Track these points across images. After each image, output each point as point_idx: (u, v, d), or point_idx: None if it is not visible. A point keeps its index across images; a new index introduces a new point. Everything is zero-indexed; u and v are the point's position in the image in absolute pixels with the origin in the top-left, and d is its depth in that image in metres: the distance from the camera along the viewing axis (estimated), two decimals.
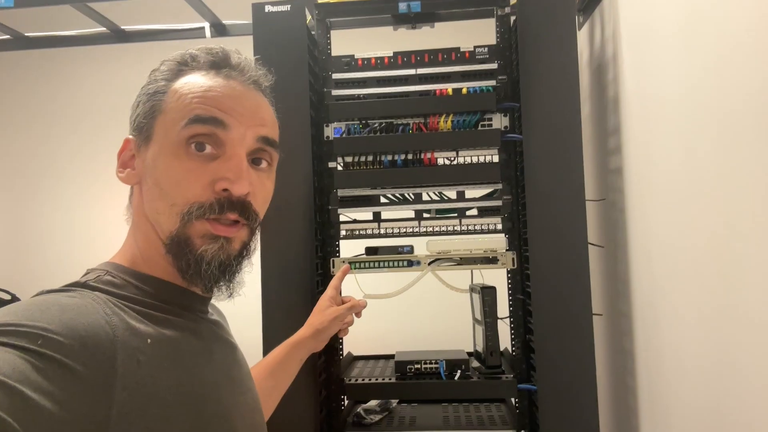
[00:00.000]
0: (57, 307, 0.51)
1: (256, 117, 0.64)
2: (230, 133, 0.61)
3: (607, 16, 1.32)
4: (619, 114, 1.25)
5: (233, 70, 0.66)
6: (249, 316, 1.21)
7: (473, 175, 1.22)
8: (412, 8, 1.28)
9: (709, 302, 0.85)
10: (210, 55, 0.66)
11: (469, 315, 1.35)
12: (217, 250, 0.61)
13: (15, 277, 2.78)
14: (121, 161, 0.66)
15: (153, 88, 0.64)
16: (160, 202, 0.61)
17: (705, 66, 0.84)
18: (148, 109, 0.63)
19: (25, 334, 0.46)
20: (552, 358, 1.11)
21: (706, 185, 0.85)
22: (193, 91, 0.62)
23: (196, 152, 0.60)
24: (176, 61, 0.66)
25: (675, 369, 0.99)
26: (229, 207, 0.61)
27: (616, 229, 1.29)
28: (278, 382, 0.96)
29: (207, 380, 0.61)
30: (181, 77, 0.64)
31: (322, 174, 1.27)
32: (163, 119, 0.62)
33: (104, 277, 0.60)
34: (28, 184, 2.84)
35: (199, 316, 0.67)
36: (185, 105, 0.61)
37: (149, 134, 0.63)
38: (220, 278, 0.62)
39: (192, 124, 0.60)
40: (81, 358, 0.48)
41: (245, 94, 0.65)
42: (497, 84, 1.23)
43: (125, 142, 0.66)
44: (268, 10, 1.22)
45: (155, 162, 0.62)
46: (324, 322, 1.02)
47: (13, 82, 2.89)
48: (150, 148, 0.63)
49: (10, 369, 0.43)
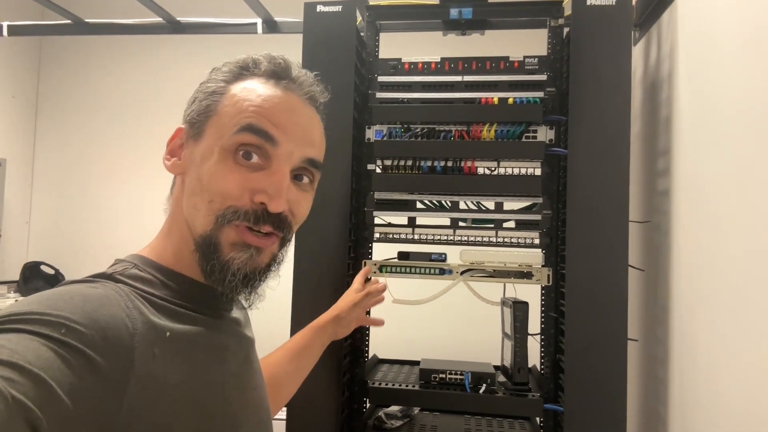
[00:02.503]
0: (80, 297, 0.52)
1: (306, 136, 0.64)
2: (278, 149, 0.61)
3: (665, 33, 1.28)
4: (670, 134, 1.21)
5: (292, 83, 0.65)
6: (278, 308, 1.22)
7: (513, 186, 1.19)
8: (464, 15, 1.27)
9: (750, 341, 0.81)
10: (272, 64, 0.65)
11: (498, 328, 1.33)
12: (246, 260, 0.61)
13: (60, 253, 2.90)
14: (169, 149, 0.67)
15: (212, 87, 0.64)
16: (199, 197, 0.61)
17: (766, 88, 0.80)
18: (204, 108, 0.64)
19: (49, 323, 0.47)
20: (582, 381, 1.08)
21: (761, 217, 0.81)
22: (250, 99, 0.62)
23: (243, 160, 0.61)
24: (238, 64, 0.66)
25: (711, 403, 0.95)
26: (264, 219, 0.61)
27: (659, 253, 1.25)
28: (300, 365, 0.97)
29: (216, 378, 0.61)
30: (240, 81, 0.64)
31: (360, 175, 1.28)
32: (216, 120, 0.63)
33: (130, 270, 0.60)
34: (80, 166, 2.96)
35: (221, 314, 0.67)
36: (240, 111, 0.61)
37: (200, 131, 0.63)
38: (242, 290, 0.62)
39: (243, 132, 0.60)
40: (101, 349, 0.48)
41: (300, 109, 0.65)
42: (545, 96, 1.21)
43: (177, 131, 0.67)
44: (319, 9, 1.23)
45: (202, 159, 0.62)
46: (343, 308, 1.07)
47: (70, 67, 3.01)
48: (199, 145, 0.63)
49: (34, 357, 0.44)
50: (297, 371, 0.97)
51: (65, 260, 2.84)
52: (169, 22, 1.85)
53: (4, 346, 0.44)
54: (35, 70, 3.03)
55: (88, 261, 2.80)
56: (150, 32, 1.93)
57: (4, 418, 0.39)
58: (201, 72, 0.69)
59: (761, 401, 0.79)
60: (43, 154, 3.01)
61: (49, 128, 3.01)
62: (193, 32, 1.89)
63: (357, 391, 1.25)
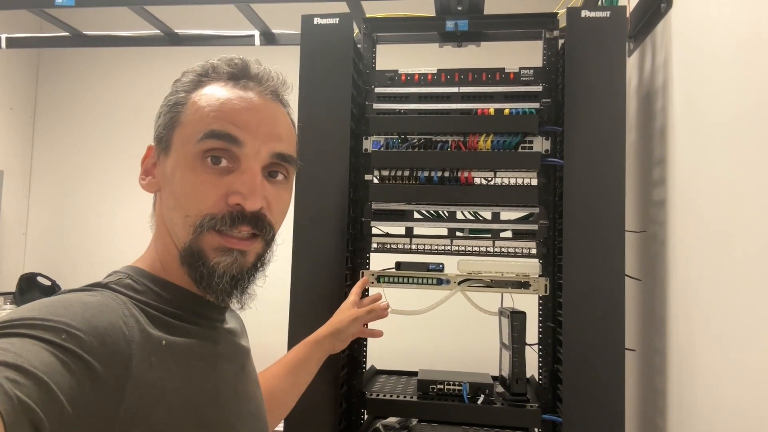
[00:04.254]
0: (80, 304, 0.52)
1: (271, 132, 0.64)
2: (244, 148, 0.61)
3: (659, 44, 1.29)
4: (665, 145, 1.22)
5: (251, 81, 0.65)
6: (275, 319, 1.22)
7: (510, 197, 1.20)
8: (460, 27, 1.28)
9: (748, 349, 0.81)
10: (229, 66, 0.65)
11: (496, 338, 1.33)
12: (230, 263, 0.61)
13: (56, 264, 2.89)
14: (144, 168, 0.67)
15: (173, 99, 0.65)
16: (175, 212, 0.62)
17: (759, 100, 0.81)
18: (168, 120, 0.64)
19: (50, 328, 0.48)
20: (580, 391, 1.08)
21: (755, 226, 0.81)
22: (210, 104, 0.62)
23: (212, 165, 0.61)
24: (197, 72, 0.66)
25: (709, 412, 0.95)
26: (241, 220, 0.61)
27: (655, 263, 1.25)
28: (298, 379, 0.97)
29: (211, 387, 0.61)
30: (200, 88, 0.64)
31: (357, 186, 1.28)
32: (181, 131, 0.63)
33: (125, 280, 0.61)
34: (78, 177, 2.96)
35: (214, 324, 0.67)
36: (201, 118, 0.62)
37: (168, 145, 0.64)
38: (231, 292, 0.63)
39: (207, 138, 0.61)
40: (99, 355, 0.49)
41: (262, 106, 0.64)
42: (541, 107, 1.22)
43: (148, 150, 0.68)
44: (317, 21, 1.24)
45: (172, 173, 0.63)
46: (343, 321, 1.04)
47: (68, 79, 3.02)
48: (168, 159, 0.64)
49: (37, 360, 0.44)
50: (294, 385, 0.96)
51: (62, 272, 2.83)
52: (167, 34, 1.86)
53: (7, 349, 0.44)
54: (33, 82, 3.04)
55: (85, 272, 2.78)
56: (148, 44, 1.94)
57: (12, 419, 0.40)
58: None
59: (760, 409, 0.78)
60: (40, 166, 3.01)
61: (47, 140, 3.01)
62: (191, 44, 1.90)
63: (355, 403, 1.25)
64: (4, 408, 0.40)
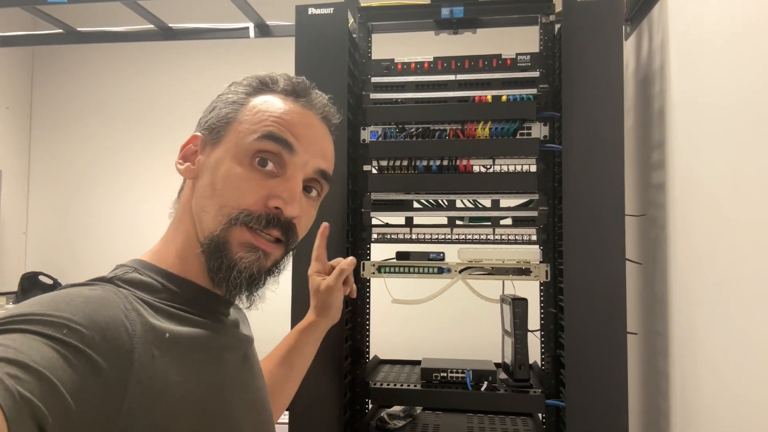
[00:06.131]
0: (81, 299, 0.53)
1: (320, 150, 0.69)
2: (295, 157, 0.65)
3: (655, 27, 1.28)
4: (664, 127, 1.21)
5: (309, 103, 0.70)
6: (277, 316, 1.22)
7: (509, 184, 1.20)
8: (455, 14, 1.27)
9: (750, 331, 0.82)
10: (291, 83, 0.70)
11: (498, 325, 1.33)
12: (253, 260, 0.63)
13: (58, 263, 2.89)
14: (182, 154, 0.69)
15: (232, 97, 0.68)
16: (210, 201, 0.64)
17: (758, 80, 0.81)
18: (223, 115, 0.67)
19: (51, 324, 0.48)
20: (583, 375, 1.09)
21: (755, 207, 0.81)
22: (271, 110, 0.66)
23: (259, 167, 0.64)
24: (258, 78, 0.70)
25: (712, 393, 0.95)
26: (275, 224, 0.64)
27: (656, 246, 1.25)
28: (293, 367, 0.96)
29: (215, 380, 0.62)
30: (260, 94, 0.68)
31: (356, 177, 1.28)
32: (236, 126, 0.66)
33: (130, 274, 0.62)
34: (76, 175, 2.95)
35: (220, 318, 0.68)
36: (261, 120, 0.65)
37: (219, 137, 0.66)
38: (245, 289, 0.65)
39: (264, 139, 0.64)
40: (101, 350, 0.49)
41: (317, 126, 0.70)
42: (538, 92, 1.21)
43: (192, 138, 0.69)
44: (311, 12, 1.23)
45: (218, 163, 0.65)
46: (322, 299, 0.98)
47: (63, 77, 3.00)
48: (216, 150, 0.66)
49: (39, 356, 0.45)
50: (291, 373, 0.96)
51: (63, 270, 2.83)
52: (161, 28, 1.85)
53: (8, 345, 0.44)
54: (28, 80, 3.02)
55: (87, 270, 2.77)
56: (142, 39, 1.93)
57: (14, 415, 0.40)
58: (195, 77, 0.70)
59: (763, 391, 0.79)
60: (38, 164, 3.00)
61: (44, 138, 3.00)
62: (186, 38, 1.89)
63: (359, 393, 1.25)
64: (6, 404, 0.40)
